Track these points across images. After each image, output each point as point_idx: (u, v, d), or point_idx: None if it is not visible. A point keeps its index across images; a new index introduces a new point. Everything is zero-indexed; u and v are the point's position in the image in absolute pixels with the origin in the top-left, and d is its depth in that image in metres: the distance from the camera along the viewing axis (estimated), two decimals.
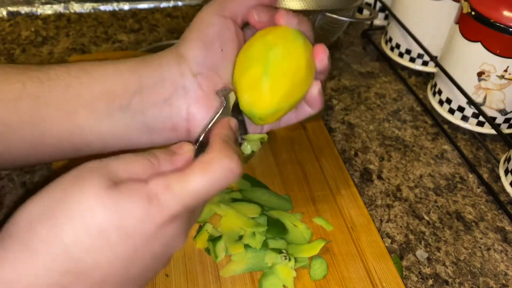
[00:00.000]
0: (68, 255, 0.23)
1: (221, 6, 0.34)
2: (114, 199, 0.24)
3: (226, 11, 0.34)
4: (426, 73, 0.67)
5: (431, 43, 0.63)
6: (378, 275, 0.40)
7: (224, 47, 0.34)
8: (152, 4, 0.77)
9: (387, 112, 0.60)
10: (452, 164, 0.54)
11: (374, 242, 0.43)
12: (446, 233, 0.46)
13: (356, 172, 0.52)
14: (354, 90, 0.64)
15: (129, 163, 0.27)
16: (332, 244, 0.43)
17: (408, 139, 0.57)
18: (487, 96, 0.54)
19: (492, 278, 0.42)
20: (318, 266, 0.40)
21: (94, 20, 0.73)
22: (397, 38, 0.67)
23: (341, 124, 0.58)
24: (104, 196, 0.24)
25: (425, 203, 0.49)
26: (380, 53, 0.71)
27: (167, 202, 0.25)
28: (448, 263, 0.43)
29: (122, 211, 0.24)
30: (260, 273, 0.40)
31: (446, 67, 0.57)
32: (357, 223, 0.44)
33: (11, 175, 0.47)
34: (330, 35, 0.61)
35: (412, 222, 0.47)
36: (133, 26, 0.73)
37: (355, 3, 0.59)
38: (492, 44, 0.50)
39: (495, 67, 0.51)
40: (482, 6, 0.51)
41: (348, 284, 0.39)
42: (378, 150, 0.55)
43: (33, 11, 0.73)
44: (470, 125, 0.57)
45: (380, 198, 0.49)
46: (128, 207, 0.24)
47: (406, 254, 0.44)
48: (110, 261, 0.24)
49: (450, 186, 0.51)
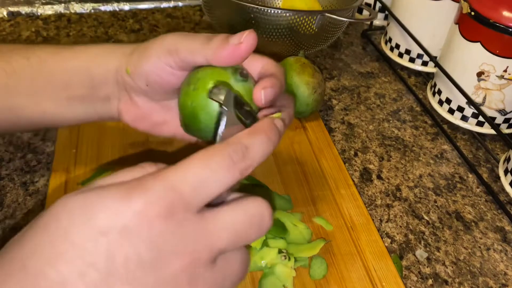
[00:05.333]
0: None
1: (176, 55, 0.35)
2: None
3: (174, 60, 0.35)
4: (425, 73, 0.67)
5: (430, 43, 0.63)
6: (378, 275, 0.40)
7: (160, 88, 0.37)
8: (153, 5, 0.78)
9: (386, 112, 0.60)
10: (451, 164, 0.54)
11: (373, 242, 0.43)
12: (445, 233, 0.46)
13: (356, 172, 0.52)
14: (354, 90, 0.64)
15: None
16: (332, 244, 0.43)
17: (407, 139, 0.57)
18: (486, 96, 0.54)
19: (492, 278, 0.42)
20: (318, 266, 0.40)
21: (95, 21, 0.74)
22: (397, 38, 0.67)
23: (341, 124, 0.58)
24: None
25: (424, 203, 0.49)
26: (379, 53, 0.71)
27: (156, 189, 0.22)
28: (448, 263, 0.43)
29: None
30: (260, 273, 0.40)
31: (446, 67, 0.57)
32: (357, 223, 0.45)
33: (12, 175, 0.48)
34: (330, 35, 0.61)
35: (412, 222, 0.47)
36: (133, 27, 0.73)
37: (355, 3, 0.59)
38: (492, 44, 0.51)
39: (495, 67, 0.51)
40: (482, 6, 0.51)
41: (347, 284, 0.40)
42: (378, 150, 0.55)
43: (34, 11, 0.73)
44: (470, 125, 0.57)
45: (380, 198, 0.49)
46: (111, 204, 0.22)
47: (406, 254, 0.44)
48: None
49: (449, 186, 0.51)
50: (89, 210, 0.22)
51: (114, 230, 0.21)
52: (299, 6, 0.62)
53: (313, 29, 0.57)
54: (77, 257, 0.21)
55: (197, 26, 0.74)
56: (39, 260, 0.21)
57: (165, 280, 0.22)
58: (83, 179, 0.46)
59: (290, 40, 0.58)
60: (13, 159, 0.49)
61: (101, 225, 0.21)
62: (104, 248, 0.21)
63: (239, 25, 0.58)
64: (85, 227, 0.21)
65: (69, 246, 0.21)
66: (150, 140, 0.50)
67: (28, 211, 0.44)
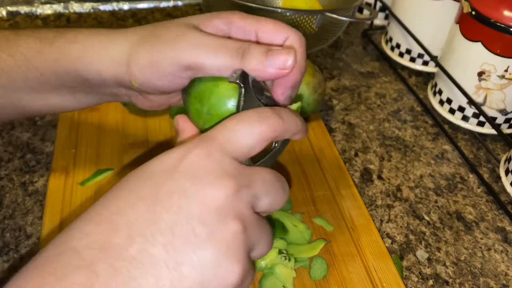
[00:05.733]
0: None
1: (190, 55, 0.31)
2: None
3: (187, 74, 0.32)
4: (426, 73, 0.67)
5: (431, 43, 0.63)
6: (378, 275, 0.40)
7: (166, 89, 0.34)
8: (152, 4, 0.77)
9: (387, 112, 0.60)
10: (452, 164, 0.54)
11: (374, 242, 0.43)
12: (446, 233, 0.46)
13: (356, 172, 0.52)
14: (354, 90, 0.64)
15: None
16: (332, 244, 0.43)
17: (408, 139, 0.57)
18: (487, 96, 0.54)
19: (493, 279, 0.42)
20: (318, 266, 0.40)
21: (94, 20, 0.73)
22: (397, 38, 0.66)
23: (341, 124, 0.58)
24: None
25: (425, 203, 0.49)
26: (380, 53, 0.71)
27: (195, 140, 0.26)
28: (449, 263, 0.43)
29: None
30: (260, 274, 0.40)
31: (447, 67, 0.57)
32: (357, 223, 0.44)
33: (11, 175, 0.47)
34: (330, 35, 0.61)
35: (413, 222, 0.47)
36: (132, 26, 0.72)
37: (355, 3, 0.59)
38: (493, 44, 0.50)
39: (496, 67, 0.51)
40: (483, 6, 0.51)
41: (348, 285, 0.39)
42: (378, 150, 0.55)
43: (33, 11, 0.73)
44: (471, 125, 0.57)
45: (380, 198, 0.49)
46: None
47: (407, 254, 0.44)
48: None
49: (450, 186, 0.51)
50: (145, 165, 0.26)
51: (159, 171, 0.25)
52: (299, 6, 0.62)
53: (314, 28, 0.57)
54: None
55: None
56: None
57: (208, 209, 0.24)
58: (83, 179, 0.46)
59: None
60: (12, 159, 0.49)
61: (148, 170, 0.26)
62: (149, 184, 0.25)
63: None
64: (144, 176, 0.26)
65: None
66: (150, 140, 0.50)
67: (27, 211, 0.44)
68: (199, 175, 0.24)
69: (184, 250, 0.23)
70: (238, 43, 0.31)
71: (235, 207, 0.24)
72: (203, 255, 0.23)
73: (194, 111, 0.33)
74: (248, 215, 0.25)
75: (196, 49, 0.30)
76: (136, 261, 0.22)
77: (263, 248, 0.27)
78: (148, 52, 0.31)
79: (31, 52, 0.34)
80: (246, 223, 0.25)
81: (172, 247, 0.23)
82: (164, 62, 0.31)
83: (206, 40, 0.31)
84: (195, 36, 0.31)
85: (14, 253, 0.41)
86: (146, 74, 0.32)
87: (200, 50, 0.30)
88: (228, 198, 0.24)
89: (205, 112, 0.32)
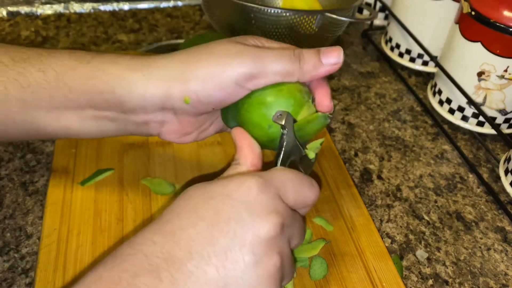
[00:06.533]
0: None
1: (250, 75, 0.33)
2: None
3: (251, 84, 0.33)
4: (426, 73, 0.67)
5: (431, 43, 0.63)
6: (378, 275, 0.40)
7: (216, 107, 0.34)
8: (152, 4, 0.77)
9: (387, 112, 0.60)
10: (452, 164, 0.54)
11: (374, 242, 0.43)
12: (446, 233, 0.46)
13: (356, 172, 0.52)
14: (354, 90, 0.64)
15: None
16: (332, 244, 0.43)
17: (408, 139, 0.57)
18: (487, 96, 0.54)
19: (492, 278, 0.42)
20: (318, 266, 0.40)
21: (94, 20, 0.73)
22: (397, 38, 0.67)
23: (341, 124, 0.58)
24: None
25: (425, 203, 0.49)
26: (380, 53, 0.71)
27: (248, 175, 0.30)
28: (448, 263, 0.43)
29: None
30: None
31: (446, 67, 0.57)
32: (357, 223, 0.44)
33: (11, 175, 0.47)
34: (330, 35, 0.61)
35: (412, 222, 0.47)
36: (133, 26, 0.73)
37: (355, 3, 0.59)
38: (492, 44, 0.50)
39: (495, 67, 0.51)
40: (482, 6, 0.51)
41: (348, 284, 0.39)
42: (378, 150, 0.55)
43: (33, 11, 0.73)
44: (470, 125, 0.57)
45: (380, 198, 0.49)
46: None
47: (406, 254, 0.44)
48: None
49: (450, 186, 0.51)
50: (206, 186, 0.30)
51: (220, 195, 0.28)
52: (299, 6, 0.62)
53: (313, 28, 0.57)
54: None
55: (197, 25, 0.74)
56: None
57: (259, 240, 0.27)
58: (83, 179, 0.46)
59: (290, 40, 0.58)
60: (12, 159, 0.49)
61: (210, 190, 0.29)
62: (210, 206, 0.28)
63: (238, 25, 0.58)
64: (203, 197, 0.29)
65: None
66: (150, 141, 0.50)
67: (28, 211, 0.44)
68: (255, 208, 0.28)
69: (233, 274, 0.26)
70: (290, 49, 0.34)
71: (279, 243, 0.28)
72: (248, 280, 0.26)
73: (254, 126, 0.34)
74: (286, 252, 0.29)
75: (260, 57, 0.32)
76: (193, 276, 0.26)
77: (288, 280, 0.30)
78: (207, 65, 0.32)
79: (64, 69, 0.33)
80: (284, 258, 0.28)
81: (224, 269, 0.26)
82: (226, 73, 0.32)
83: (266, 50, 0.33)
84: (252, 47, 0.33)
85: (14, 253, 0.41)
86: (207, 86, 0.32)
87: (264, 58, 0.32)
88: (277, 233, 0.27)
89: (267, 127, 0.34)
